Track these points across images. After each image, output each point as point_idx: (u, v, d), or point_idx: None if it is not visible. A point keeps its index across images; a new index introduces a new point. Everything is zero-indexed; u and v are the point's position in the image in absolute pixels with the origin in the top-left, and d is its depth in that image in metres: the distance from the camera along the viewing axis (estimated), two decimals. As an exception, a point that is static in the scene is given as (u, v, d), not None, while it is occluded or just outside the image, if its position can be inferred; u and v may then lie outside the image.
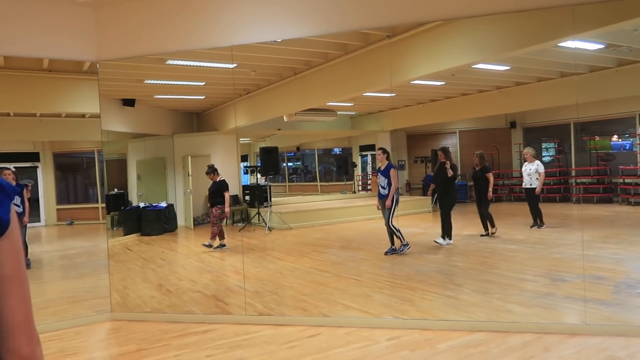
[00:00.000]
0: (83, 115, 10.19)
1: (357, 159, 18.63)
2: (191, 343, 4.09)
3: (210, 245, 8.49)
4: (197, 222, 12.93)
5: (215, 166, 8.84)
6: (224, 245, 8.58)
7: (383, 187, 7.33)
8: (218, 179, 8.58)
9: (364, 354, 3.69)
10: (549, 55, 8.95)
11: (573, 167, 14.45)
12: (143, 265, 7.81)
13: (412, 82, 10.20)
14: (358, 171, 18.51)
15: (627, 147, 13.43)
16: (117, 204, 13.20)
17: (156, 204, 11.79)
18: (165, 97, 11.33)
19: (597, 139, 14.07)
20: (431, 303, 4.89)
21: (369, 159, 18.14)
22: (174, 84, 10.00)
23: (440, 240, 7.80)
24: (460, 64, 6.79)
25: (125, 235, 11.26)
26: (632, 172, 13.01)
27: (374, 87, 8.01)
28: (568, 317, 4.40)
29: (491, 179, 8.61)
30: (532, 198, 9.26)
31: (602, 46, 8.34)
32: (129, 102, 11.22)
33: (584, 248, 7.22)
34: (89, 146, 14.22)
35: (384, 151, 7.45)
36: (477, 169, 8.80)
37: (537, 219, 9.19)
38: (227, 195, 8.45)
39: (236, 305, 5.13)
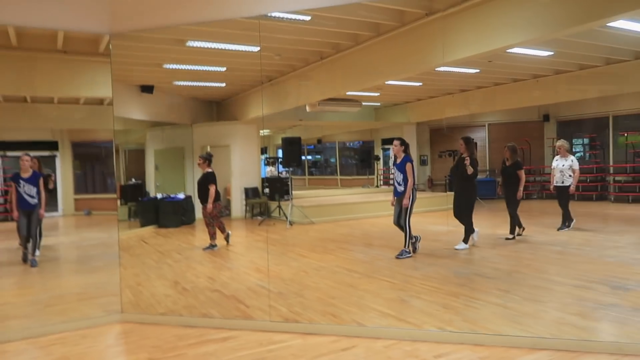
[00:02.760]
0: (101, 102, 9.85)
1: (380, 152, 18.03)
2: (209, 353, 3.60)
3: (213, 246, 7.77)
4: (216, 215, 12.53)
5: (211, 155, 7.93)
6: (214, 246, 7.81)
7: (399, 183, 6.68)
8: (207, 170, 7.67)
9: (408, 374, 3.16)
10: (596, 38, 8.23)
11: (611, 163, 13.65)
12: (159, 259, 7.38)
13: (442, 69, 9.60)
14: (380, 165, 17.92)
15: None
16: (135, 194, 12.87)
17: (174, 195, 11.40)
18: (184, 83, 10.89)
19: (637, 134, 13.24)
20: (478, 312, 4.32)
21: (390, 152, 17.53)
22: (193, 69, 9.53)
23: (461, 246, 7.13)
24: (503, 44, 6.16)
25: (142, 226, 10.90)
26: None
27: (408, 71, 7.42)
28: (643, 333, 3.80)
29: (523, 176, 7.78)
30: (564, 197, 8.42)
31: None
32: (147, 89, 10.82)
33: (638, 252, 6.57)
34: (108, 135, 13.91)
35: (402, 142, 6.77)
36: (507, 163, 7.99)
37: (566, 221, 8.41)
38: (212, 190, 7.52)
39: (258, 308, 4.63)
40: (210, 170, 7.73)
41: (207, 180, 7.62)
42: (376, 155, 17.77)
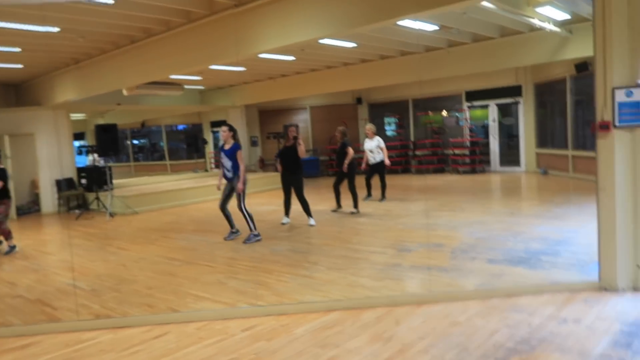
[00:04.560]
0: None
1: (209, 135, 17.89)
2: (5, 364, 3.39)
3: (12, 248, 7.16)
4: (22, 212, 11.24)
5: None
6: (14, 247, 7.21)
7: (227, 170, 6.76)
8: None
9: (218, 350, 3.40)
10: (390, 34, 9.34)
11: (412, 140, 15.66)
12: (-55, 269, 6.44)
13: (262, 56, 9.92)
14: (210, 148, 17.80)
15: (460, 124, 14.89)
16: None
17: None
18: (-32, 64, 9.42)
19: (431, 114, 15.41)
20: (287, 285, 4.77)
21: (221, 136, 17.51)
22: (-22, 49, 8.30)
23: (312, 221, 7.72)
24: (308, 38, 6.66)
25: None
26: (461, 144, 14.54)
27: (220, 59, 7.55)
28: (415, 286, 4.62)
29: (350, 152, 8.61)
30: (380, 172, 9.67)
31: (436, 27, 8.93)
32: None
33: (425, 217, 7.80)
34: None
35: (230, 128, 6.84)
36: (338, 144, 8.74)
37: (380, 192, 9.69)
38: None
39: (67, 309, 4.44)
40: (2, 166, 6.97)
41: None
42: (204, 138, 17.60)
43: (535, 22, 8.36)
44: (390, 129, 16.82)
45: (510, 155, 14.31)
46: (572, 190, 10.14)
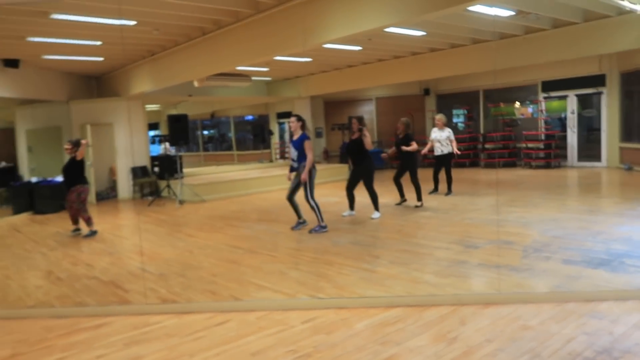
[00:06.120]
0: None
1: (275, 127, 18.13)
2: (79, 342, 3.56)
3: (93, 232, 7.63)
4: (100, 197, 11.93)
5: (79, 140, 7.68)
6: (78, 230, 7.75)
7: (294, 160, 6.79)
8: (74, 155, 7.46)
9: (277, 341, 3.40)
10: (462, 21, 8.95)
11: (481, 132, 15.00)
12: (32, 248, 6.95)
13: (328, 47, 9.86)
14: (275, 139, 18.05)
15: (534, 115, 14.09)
16: (6, 178, 11.83)
17: (51, 179, 10.65)
18: (55, 57, 10.06)
19: (503, 105, 14.68)
20: (348, 278, 4.69)
21: (287, 126, 17.62)
22: (64, 43, 8.84)
23: (376, 214, 7.61)
24: (374, 26, 6.48)
25: (14, 214, 10.08)
26: (535, 137, 13.76)
27: (287, 49, 7.53)
28: (482, 285, 4.39)
29: (415, 146, 8.39)
30: (446, 164, 9.40)
31: (512, 13, 8.43)
32: (11, 63, 9.86)
33: (494, 213, 7.43)
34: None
35: (299, 118, 6.80)
36: (400, 136, 8.51)
37: (445, 186, 9.40)
38: None
39: (137, 292, 4.63)
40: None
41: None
42: (270, 129, 17.86)
43: (626, 4, 7.67)
44: (459, 121, 16.22)
45: (589, 150, 13.36)
46: (661, 188, 9.29)
